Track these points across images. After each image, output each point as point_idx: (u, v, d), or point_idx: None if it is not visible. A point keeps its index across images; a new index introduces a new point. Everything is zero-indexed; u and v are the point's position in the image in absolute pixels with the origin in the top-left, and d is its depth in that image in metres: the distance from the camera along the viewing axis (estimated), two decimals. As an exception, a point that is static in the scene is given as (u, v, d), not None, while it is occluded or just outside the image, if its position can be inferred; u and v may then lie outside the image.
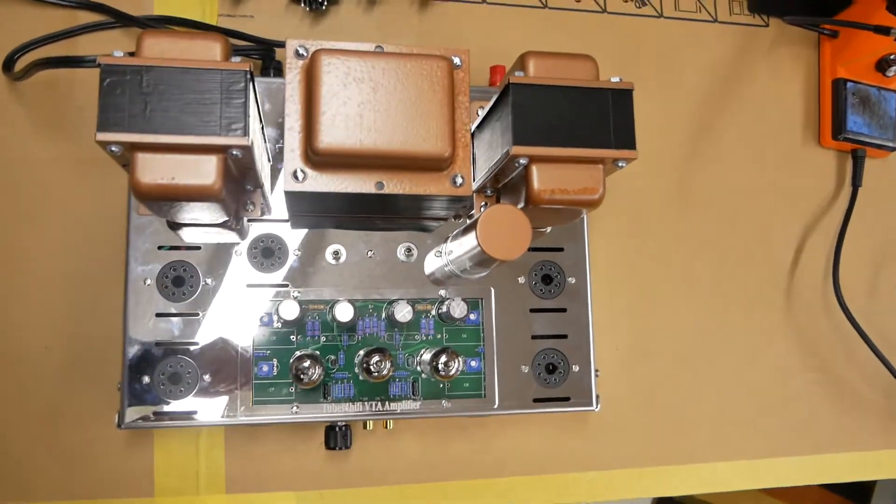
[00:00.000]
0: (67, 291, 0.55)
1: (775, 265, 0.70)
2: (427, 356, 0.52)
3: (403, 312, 0.51)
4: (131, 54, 0.43)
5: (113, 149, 0.41)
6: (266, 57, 0.58)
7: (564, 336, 0.57)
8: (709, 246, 0.69)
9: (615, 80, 0.49)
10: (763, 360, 0.68)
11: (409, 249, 0.55)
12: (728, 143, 0.70)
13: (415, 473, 0.60)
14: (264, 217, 0.53)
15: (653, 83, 0.69)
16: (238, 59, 0.44)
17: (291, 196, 0.46)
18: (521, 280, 0.57)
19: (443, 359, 0.50)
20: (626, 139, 0.48)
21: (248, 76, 0.43)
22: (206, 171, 0.43)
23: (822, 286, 0.71)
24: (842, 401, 0.69)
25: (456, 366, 0.50)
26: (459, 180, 0.47)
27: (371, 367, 0.49)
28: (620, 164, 0.49)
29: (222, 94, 0.42)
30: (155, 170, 0.42)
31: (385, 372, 0.49)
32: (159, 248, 0.51)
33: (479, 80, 0.62)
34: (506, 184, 0.53)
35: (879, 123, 0.72)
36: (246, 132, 0.42)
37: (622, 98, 0.49)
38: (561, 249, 0.58)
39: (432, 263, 0.54)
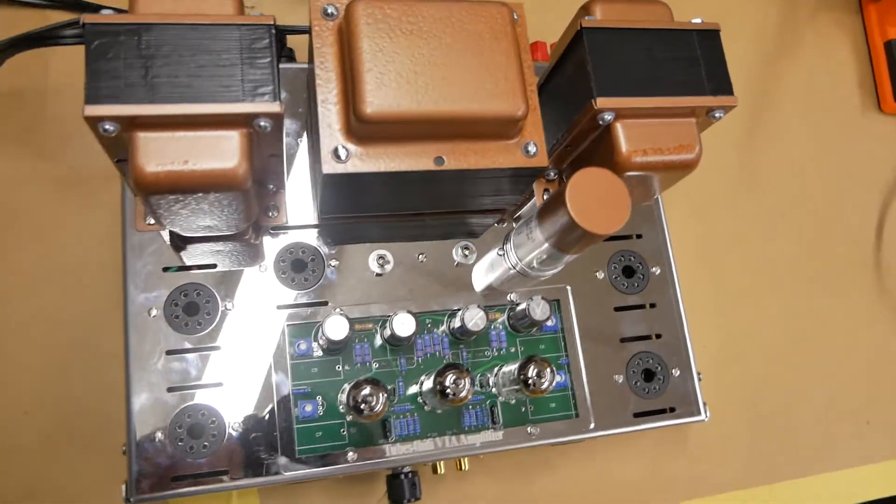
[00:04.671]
0: (51, 340, 0.45)
1: (857, 241, 0.62)
2: (508, 371, 0.42)
3: (475, 319, 0.41)
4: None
5: (107, 127, 0.32)
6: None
7: (658, 336, 0.48)
8: (782, 227, 0.61)
9: (696, 20, 0.42)
10: (864, 344, 0.60)
11: (466, 248, 0.46)
12: (786, 116, 0.63)
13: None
14: (290, 224, 0.44)
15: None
16: (258, 13, 0.35)
17: (329, 186, 0.37)
18: (600, 275, 0.48)
19: (532, 369, 0.40)
20: (721, 84, 0.41)
21: (273, 32, 0.35)
22: (227, 150, 0.34)
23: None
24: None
25: (550, 376, 0.40)
26: (532, 149, 0.38)
27: (447, 388, 0.39)
28: (717, 115, 0.41)
29: (243, 52, 0.34)
30: (163, 153, 0.33)
31: (464, 393, 0.39)
32: (165, 269, 0.41)
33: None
34: (578, 156, 0.44)
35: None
36: (276, 96, 0.33)
37: (710, 39, 0.42)
38: (639, 236, 0.49)
39: (485, 272, 0.45)
